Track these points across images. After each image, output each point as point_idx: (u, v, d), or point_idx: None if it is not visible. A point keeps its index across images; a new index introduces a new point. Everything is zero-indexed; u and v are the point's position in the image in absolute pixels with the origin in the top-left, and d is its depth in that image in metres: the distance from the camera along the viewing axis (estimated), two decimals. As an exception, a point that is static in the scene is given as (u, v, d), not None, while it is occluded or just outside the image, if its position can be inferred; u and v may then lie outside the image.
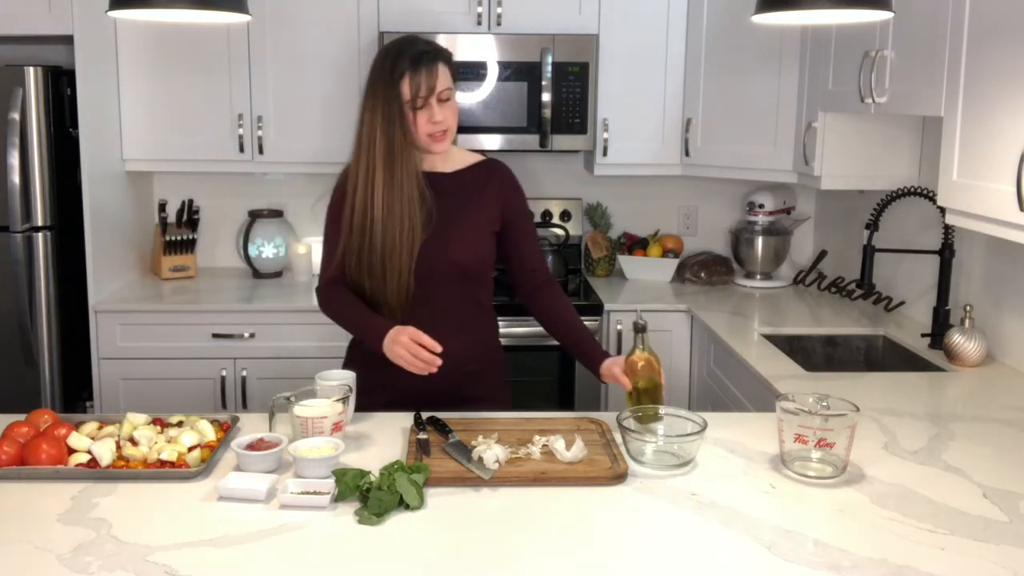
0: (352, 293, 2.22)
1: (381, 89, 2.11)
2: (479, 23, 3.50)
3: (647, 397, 2.01)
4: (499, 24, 3.50)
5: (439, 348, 2.02)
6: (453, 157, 2.27)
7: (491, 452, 1.79)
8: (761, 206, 3.76)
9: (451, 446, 1.87)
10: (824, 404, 1.81)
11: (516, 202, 2.30)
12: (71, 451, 1.80)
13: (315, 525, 1.58)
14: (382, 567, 1.45)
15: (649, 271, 3.85)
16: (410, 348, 2.02)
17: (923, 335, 2.84)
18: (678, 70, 3.59)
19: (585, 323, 2.35)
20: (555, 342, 2.26)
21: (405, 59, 2.10)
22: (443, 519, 1.61)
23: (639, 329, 2.03)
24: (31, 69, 3.17)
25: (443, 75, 2.12)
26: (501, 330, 3.34)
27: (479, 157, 2.32)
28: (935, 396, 2.40)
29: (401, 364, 2.03)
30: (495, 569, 1.45)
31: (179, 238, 3.72)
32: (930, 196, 2.78)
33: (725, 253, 3.98)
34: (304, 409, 1.88)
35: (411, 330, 2.05)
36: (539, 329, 3.47)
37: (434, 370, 2.02)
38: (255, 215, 3.81)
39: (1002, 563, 1.47)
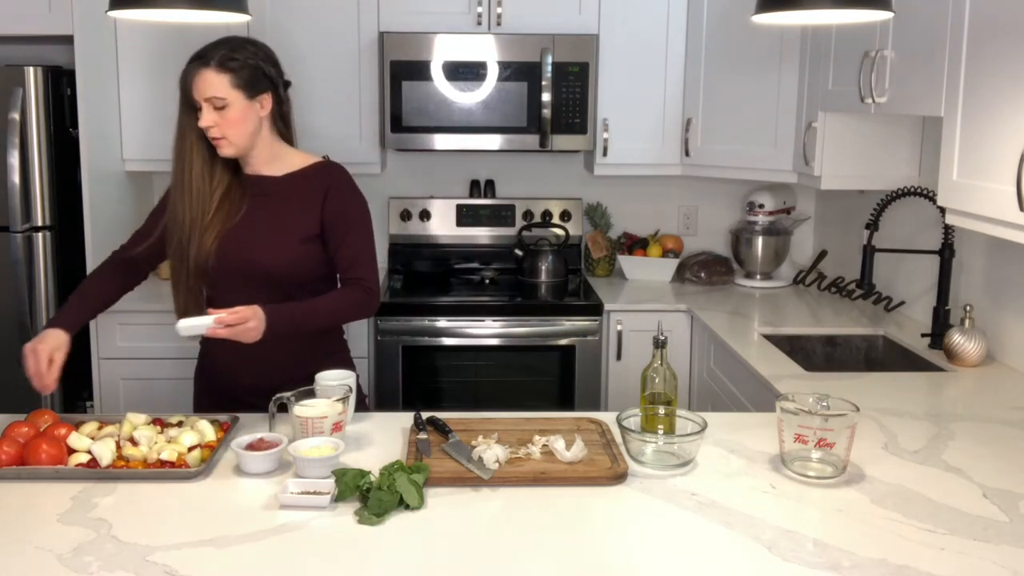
0: (114, 275, 2.31)
1: (180, 78, 2.18)
2: (479, 23, 3.50)
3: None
4: (499, 24, 3.50)
5: (51, 384, 2.08)
6: (284, 160, 2.24)
7: (491, 452, 1.80)
8: (761, 206, 3.76)
9: (451, 446, 1.87)
10: (824, 404, 1.81)
11: (337, 205, 2.19)
12: (71, 451, 1.80)
13: (315, 525, 1.58)
14: (382, 567, 1.45)
15: (649, 271, 3.84)
16: (30, 360, 2.07)
17: (923, 335, 2.84)
18: (678, 70, 3.60)
19: (333, 304, 2.17)
20: (555, 342, 2.27)
21: (190, 58, 2.15)
22: (443, 519, 1.61)
23: (658, 344, 2.02)
24: (31, 69, 3.17)
25: (210, 83, 2.09)
26: (501, 329, 3.38)
27: (315, 159, 2.27)
28: (935, 396, 2.40)
29: (25, 362, 2.08)
30: (495, 569, 1.45)
31: (179, 238, 3.72)
32: (930, 196, 2.78)
33: (725, 253, 3.99)
34: (304, 409, 1.88)
35: (47, 345, 2.09)
36: (539, 329, 3.47)
37: (45, 390, 2.09)
38: (255, 215, 3.80)
39: (1002, 563, 1.47)
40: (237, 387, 2.22)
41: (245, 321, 1.98)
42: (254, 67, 2.13)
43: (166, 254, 2.25)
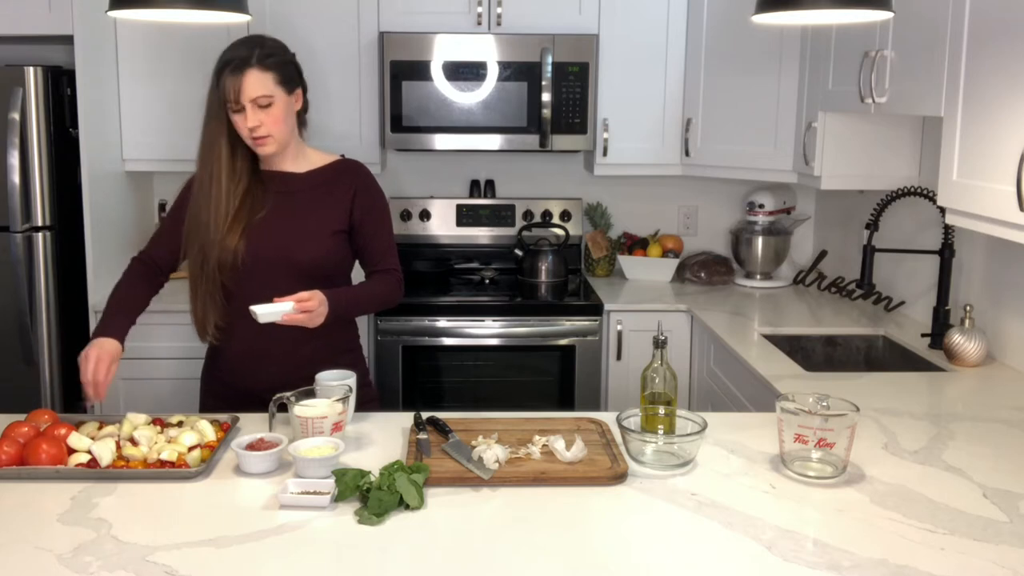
0: (141, 281, 2.30)
1: (211, 84, 2.16)
2: (479, 23, 3.50)
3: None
4: (499, 24, 3.51)
5: (104, 393, 2.07)
6: (307, 158, 2.29)
7: (491, 452, 1.80)
8: (761, 206, 3.76)
9: (451, 446, 1.87)
10: (824, 404, 1.81)
11: (367, 203, 2.27)
12: (71, 451, 1.80)
13: (315, 525, 1.58)
14: (382, 567, 1.45)
15: (649, 271, 3.85)
16: (89, 365, 2.06)
17: (923, 335, 2.84)
18: (678, 70, 3.60)
19: (373, 290, 2.27)
20: (555, 342, 2.28)
21: (222, 61, 2.14)
22: (443, 519, 1.61)
23: (658, 344, 2.03)
24: (31, 69, 3.17)
25: (254, 83, 2.10)
26: (501, 329, 3.38)
27: (335, 158, 2.33)
28: (935, 396, 2.40)
29: (81, 368, 2.08)
30: (495, 569, 1.45)
31: (179, 238, 3.72)
32: (930, 196, 2.78)
33: (725, 253, 3.99)
34: (304, 409, 1.88)
35: (105, 352, 2.09)
36: (539, 329, 3.48)
37: (89, 402, 2.10)
38: (255, 215, 3.80)
39: (1002, 563, 1.47)
40: (256, 386, 2.19)
41: (318, 306, 2.04)
42: (288, 63, 2.19)
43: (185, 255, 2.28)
